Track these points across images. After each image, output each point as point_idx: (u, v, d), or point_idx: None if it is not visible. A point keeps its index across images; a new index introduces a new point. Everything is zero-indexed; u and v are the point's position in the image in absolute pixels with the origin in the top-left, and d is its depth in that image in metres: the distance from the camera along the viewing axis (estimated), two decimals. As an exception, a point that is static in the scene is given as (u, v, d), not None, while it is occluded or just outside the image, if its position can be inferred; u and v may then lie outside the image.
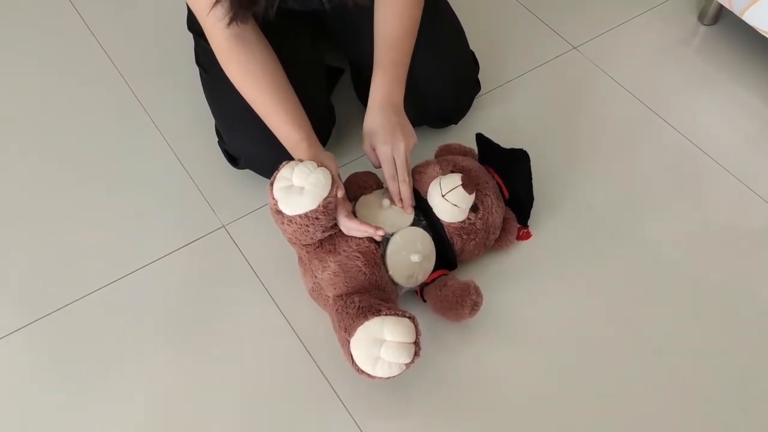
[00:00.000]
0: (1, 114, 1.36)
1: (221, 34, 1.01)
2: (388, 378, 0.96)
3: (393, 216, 1.06)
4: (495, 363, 1.07)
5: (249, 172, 1.22)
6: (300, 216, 0.98)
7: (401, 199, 1.06)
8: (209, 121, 1.26)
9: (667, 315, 1.12)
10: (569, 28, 1.50)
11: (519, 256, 1.17)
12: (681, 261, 1.18)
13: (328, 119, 1.23)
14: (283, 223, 1.00)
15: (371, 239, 1.03)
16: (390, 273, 1.04)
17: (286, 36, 1.14)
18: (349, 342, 0.96)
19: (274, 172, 1.00)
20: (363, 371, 0.95)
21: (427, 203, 1.07)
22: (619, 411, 1.03)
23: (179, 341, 1.08)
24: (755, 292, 1.15)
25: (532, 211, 1.18)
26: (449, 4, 1.28)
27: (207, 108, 1.24)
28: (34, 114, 1.36)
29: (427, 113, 1.27)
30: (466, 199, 1.06)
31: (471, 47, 1.30)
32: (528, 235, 1.19)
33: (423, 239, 1.05)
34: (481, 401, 1.03)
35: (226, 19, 0.96)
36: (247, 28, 1.03)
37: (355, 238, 1.03)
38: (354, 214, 1.04)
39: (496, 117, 1.34)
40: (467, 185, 1.05)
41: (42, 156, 1.29)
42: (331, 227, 1.02)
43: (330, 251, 1.03)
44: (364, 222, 1.02)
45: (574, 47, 1.47)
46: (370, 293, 1.02)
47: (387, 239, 1.04)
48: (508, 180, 1.15)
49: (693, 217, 1.23)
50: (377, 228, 1.01)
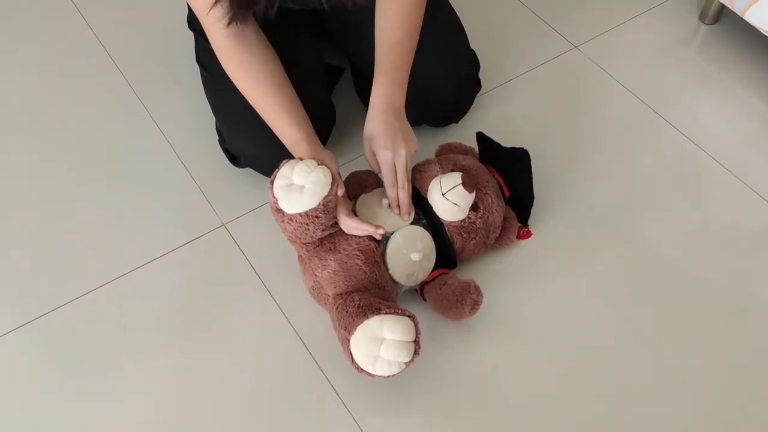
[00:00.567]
0: (2, 113, 1.36)
1: (221, 33, 1.01)
2: (387, 377, 0.96)
3: (393, 215, 1.05)
4: (495, 362, 1.07)
5: (249, 170, 1.22)
6: (300, 214, 0.98)
7: (399, 206, 1.05)
8: (210, 120, 1.26)
9: (667, 314, 1.12)
10: (570, 27, 1.50)
11: (519, 255, 1.17)
12: (681, 260, 1.18)
13: (328, 118, 1.23)
14: (284, 222, 1.00)
15: (371, 238, 1.03)
16: (390, 272, 1.04)
17: (286, 35, 1.14)
18: (349, 340, 0.96)
19: (274, 170, 1.00)
20: (363, 370, 0.95)
21: (428, 202, 1.07)
22: (619, 410, 1.03)
23: (179, 339, 1.08)
24: (755, 291, 1.15)
25: (532, 210, 1.18)
26: (450, 2, 1.27)
27: (207, 107, 1.24)
28: (34, 113, 1.36)
29: (428, 112, 1.27)
30: (466, 198, 1.06)
31: (472, 46, 1.30)
32: (528, 234, 1.19)
33: (423, 238, 1.05)
34: (481, 400, 1.03)
35: (225, 19, 0.96)
36: (248, 27, 1.03)
37: (355, 236, 1.03)
38: (354, 212, 1.04)
39: (496, 116, 1.34)
40: (467, 184, 1.05)
41: (43, 154, 1.29)
42: (331, 226, 1.02)
43: (330, 250, 1.03)
44: (364, 221, 1.02)
45: (575, 46, 1.47)
46: (370, 292, 1.02)
47: (387, 238, 1.04)
48: (508, 179, 1.15)
49: (693, 217, 1.23)
50: (377, 227, 1.01)
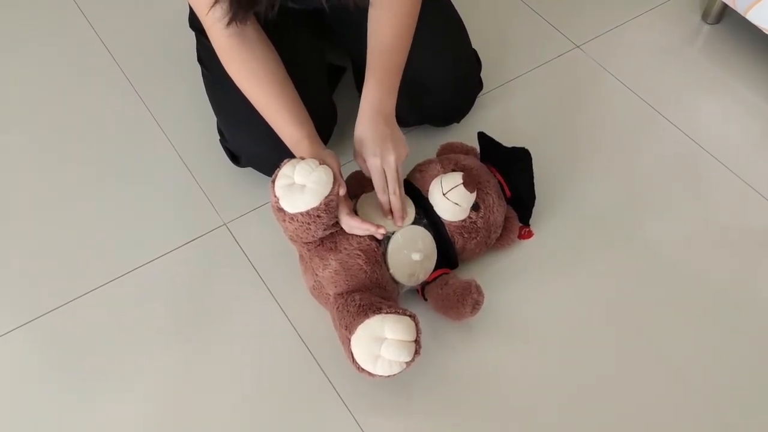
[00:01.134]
0: (3, 113, 1.36)
1: (222, 32, 1.01)
2: (388, 376, 0.96)
3: (394, 214, 1.06)
4: (496, 361, 1.06)
5: (251, 170, 1.22)
6: (301, 214, 0.98)
7: (392, 211, 1.04)
8: (211, 119, 1.26)
9: (669, 314, 1.12)
10: (572, 26, 1.50)
11: (520, 255, 1.17)
12: (682, 260, 1.17)
13: (329, 117, 1.23)
14: (285, 221, 1.00)
15: (372, 237, 1.03)
16: (391, 271, 1.04)
17: (287, 34, 1.14)
18: (350, 340, 0.96)
19: (275, 170, 1.00)
20: (363, 369, 0.95)
21: (429, 202, 1.07)
22: (620, 410, 1.03)
23: (180, 338, 1.08)
24: (757, 291, 1.15)
25: (533, 210, 1.18)
26: (451, 2, 1.27)
27: (209, 106, 1.24)
28: (36, 112, 1.36)
29: (430, 112, 1.27)
30: (467, 198, 1.06)
31: (473, 46, 1.30)
32: (529, 234, 1.19)
33: (424, 238, 1.05)
34: (482, 400, 1.03)
35: (225, 19, 0.96)
36: (248, 26, 1.03)
37: (356, 236, 1.03)
38: (355, 212, 1.04)
39: (498, 116, 1.34)
40: (468, 184, 1.05)
41: (44, 154, 1.30)
42: (333, 225, 1.02)
43: (331, 249, 1.03)
44: (365, 220, 1.02)
45: (576, 46, 1.47)
46: (371, 291, 1.02)
47: (388, 237, 1.04)
48: (509, 179, 1.15)
49: (694, 216, 1.23)
50: (378, 226, 1.01)
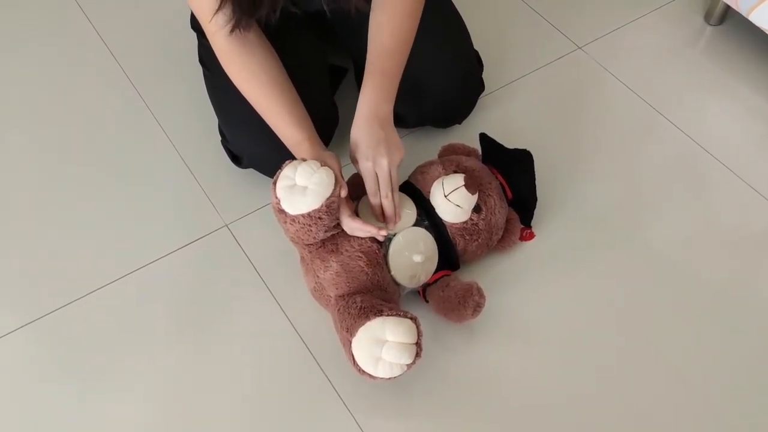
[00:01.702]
0: (4, 113, 1.36)
1: (222, 34, 1.01)
2: (389, 378, 0.95)
3: (396, 216, 1.05)
4: (497, 363, 1.06)
5: (252, 171, 1.22)
6: (303, 215, 0.98)
7: (384, 215, 1.03)
8: (213, 121, 1.26)
9: (670, 315, 1.12)
10: (574, 27, 1.50)
11: (522, 256, 1.17)
12: (684, 261, 1.17)
13: (331, 119, 1.23)
14: (286, 223, 1.00)
15: (374, 239, 1.03)
16: (392, 273, 1.04)
17: (288, 35, 1.14)
18: (351, 342, 0.95)
19: (277, 171, 1.00)
20: (364, 372, 0.95)
21: (430, 203, 1.07)
22: (622, 411, 1.03)
23: (181, 339, 1.08)
24: (758, 292, 1.15)
25: (535, 212, 1.18)
26: (453, 3, 1.27)
27: (210, 107, 1.24)
28: (36, 112, 1.36)
29: (431, 113, 1.27)
30: (468, 200, 1.05)
31: (475, 47, 1.30)
32: (531, 236, 1.19)
33: (425, 239, 1.05)
34: (483, 402, 1.03)
35: (228, 27, 0.96)
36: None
37: (358, 238, 1.03)
38: (356, 213, 1.04)
39: (500, 117, 1.34)
40: (470, 186, 1.05)
41: (44, 155, 1.30)
42: (334, 227, 1.02)
43: (332, 251, 1.03)
44: (366, 222, 1.02)
45: (578, 47, 1.47)
46: (372, 293, 1.01)
47: (389, 239, 1.04)
48: (511, 180, 1.15)
49: (696, 218, 1.23)
50: (380, 228, 1.01)
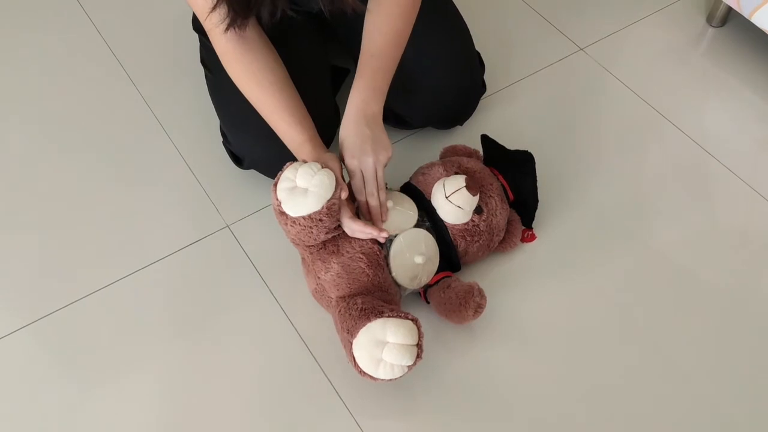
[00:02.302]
0: (5, 113, 1.36)
1: (222, 35, 1.01)
2: (390, 380, 0.95)
3: (397, 217, 1.05)
4: (498, 365, 1.06)
5: (253, 172, 1.22)
6: (303, 217, 0.98)
7: (370, 213, 1.03)
8: (214, 122, 1.26)
9: (673, 317, 1.11)
10: (576, 29, 1.50)
11: (523, 258, 1.17)
12: (687, 264, 1.17)
13: (332, 120, 1.23)
14: (287, 224, 1.00)
15: (375, 241, 1.03)
16: (393, 274, 1.04)
17: (290, 36, 1.14)
18: (352, 343, 0.95)
19: (278, 172, 1.00)
20: (365, 373, 0.95)
21: (431, 205, 1.07)
22: (624, 413, 1.03)
23: (182, 340, 1.08)
24: (761, 294, 1.14)
25: (536, 214, 1.18)
26: (455, 4, 1.27)
27: (212, 108, 1.24)
28: (38, 113, 1.36)
29: (433, 114, 1.27)
30: (469, 201, 1.05)
31: (477, 48, 1.30)
32: (532, 238, 1.19)
33: (426, 241, 1.05)
34: (484, 403, 1.03)
35: (223, 25, 0.97)
36: (250, 29, 1.03)
37: (359, 239, 1.03)
38: (357, 215, 1.04)
39: (501, 118, 1.34)
40: (471, 187, 1.05)
41: (45, 156, 1.30)
42: (335, 229, 1.02)
43: (333, 252, 1.03)
44: (367, 223, 1.02)
45: (580, 48, 1.47)
46: (373, 295, 1.01)
47: (390, 241, 1.04)
48: (512, 182, 1.15)
49: (699, 220, 1.23)
50: (381, 229, 1.01)
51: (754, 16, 1.36)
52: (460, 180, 1.06)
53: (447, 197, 1.05)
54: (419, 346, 0.95)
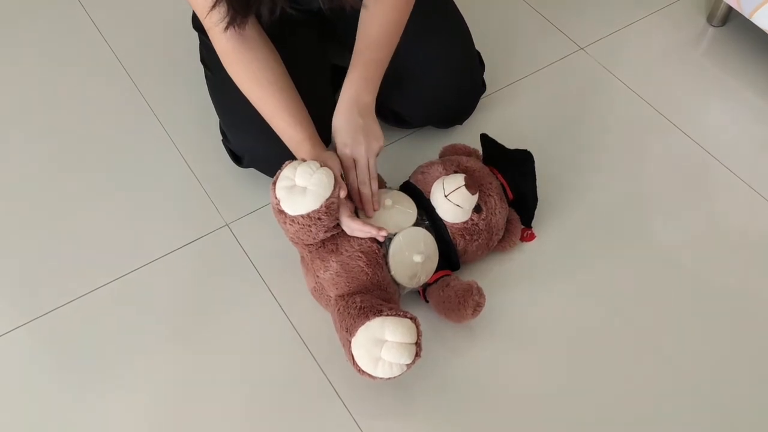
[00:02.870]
0: (7, 111, 1.36)
1: (222, 34, 1.01)
2: (389, 378, 0.95)
3: (396, 216, 1.05)
4: (497, 364, 1.06)
5: (253, 171, 1.22)
6: (302, 216, 0.98)
7: (362, 202, 1.04)
8: (214, 120, 1.26)
9: (673, 319, 1.11)
10: (576, 28, 1.49)
11: (522, 257, 1.17)
12: (687, 265, 1.17)
13: (331, 119, 1.22)
14: (286, 223, 1.00)
15: (374, 239, 1.03)
16: (392, 273, 1.03)
17: (289, 35, 1.14)
18: (351, 342, 0.95)
19: (277, 171, 1.00)
20: (364, 371, 0.95)
21: (430, 203, 1.07)
22: (624, 413, 1.02)
23: (181, 339, 1.08)
24: (763, 296, 1.14)
25: (536, 213, 1.18)
26: (455, 3, 1.27)
27: (212, 106, 1.24)
28: (37, 112, 1.36)
29: (433, 113, 1.27)
30: (469, 200, 1.05)
31: (477, 47, 1.30)
32: (532, 237, 1.18)
33: (426, 239, 1.05)
34: (483, 402, 1.03)
35: (223, 23, 0.97)
36: (249, 27, 1.03)
37: (358, 238, 1.02)
38: (356, 214, 1.04)
39: (501, 118, 1.34)
40: (470, 186, 1.05)
41: (45, 154, 1.30)
42: (334, 227, 1.02)
43: (332, 251, 1.03)
44: (366, 222, 1.02)
45: (581, 48, 1.47)
46: (372, 293, 1.01)
47: (389, 239, 1.03)
48: (512, 181, 1.15)
49: (699, 221, 1.23)
50: (380, 228, 1.01)
51: (754, 15, 1.36)
52: (459, 179, 1.05)
53: (446, 196, 1.05)
54: (418, 344, 0.95)
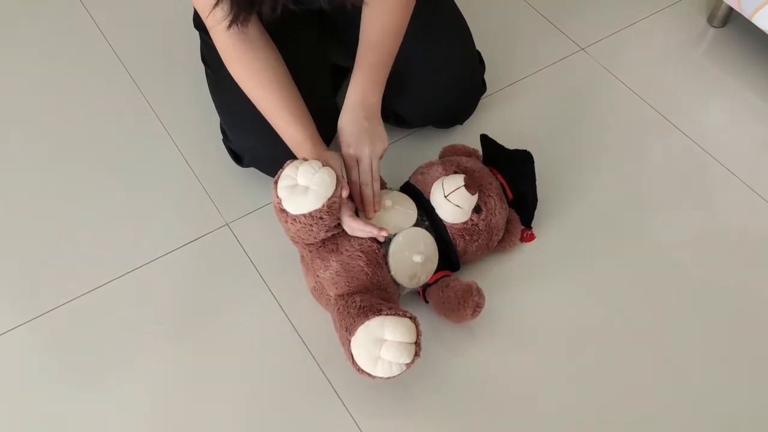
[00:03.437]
0: (7, 110, 1.36)
1: (224, 32, 1.01)
2: (388, 378, 0.95)
3: (396, 216, 1.05)
4: (496, 363, 1.06)
5: (253, 170, 1.22)
6: (304, 215, 0.98)
7: (363, 202, 1.04)
8: (214, 119, 1.26)
9: (673, 319, 1.11)
10: (577, 28, 1.50)
11: (522, 258, 1.17)
12: (687, 265, 1.17)
13: (333, 118, 1.22)
14: (287, 222, 1.00)
15: (374, 239, 1.03)
16: (392, 273, 1.04)
17: (290, 35, 1.14)
18: (350, 341, 0.95)
19: (278, 170, 1.00)
20: (363, 371, 0.95)
21: (430, 204, 1.07)
22: (623, 413, 1.03)
23: (180, 338, 1.08)
24: (763, 296, 1.14)
25: (536, 213, 1.18)
26: (455, 3, 1.27)
27: (212, 106, 1.24)
28: (39, 110, 1.36)
29: (433, 113, 1.27)
30: (468, 200, 1.05)
31: (477, 47, 1.30)
32: (531, 237, 1.19)
33: (425, 240, 1.05)
34: (483, 401, 1.03)
35: (226, 22, 0.97)
36: (251, 26, 1.03)
37: (358, 237, 1.03)
38: (357, 214, 1.04)
39: (501, 118, 1.34)
40: (470, 186, 1.05)
41: (45, 152, 1.30)
42: (335, 227, 1.02)
43: (332, 251, 1.03)
44: (367, 222, 1.02)
45: (581, 48, 1.47)
46: (371, 293, 1.02)
47: (389, 239, 1.04)
48: (512, 181, 1.15)
49: (699, 221, 1.23)
50: (380, 228, 1.01)
51: (755, 16, 1.36)
52: (459, 179, 1.06)
53: (446, 196, 1.05)
54: (417, 344, 0.95)
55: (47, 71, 1.42)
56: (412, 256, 1.03)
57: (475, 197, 1.06)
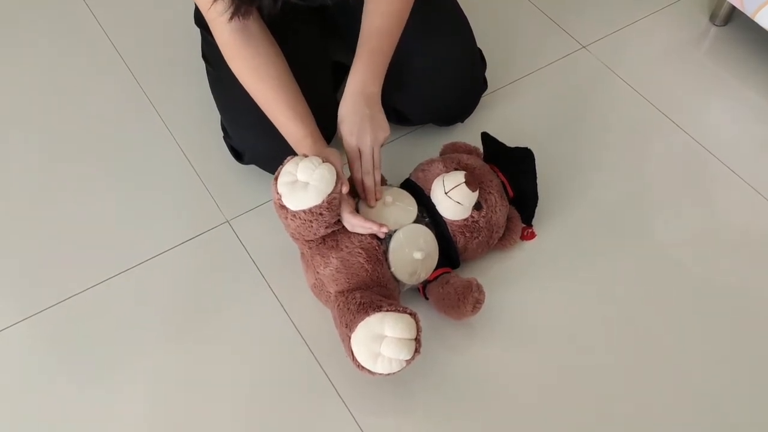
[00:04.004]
0: (8, 107, 1.36)
1: (225, 28, 1.02)
2: (388, 374, 0.95)
3: (396, 213, 1.05)
4: (497, 361, 1.06)
5: (254, 167, 1.22)
6: (304, 211, 0.98)
7: (365, 191, 1.04)
8: (215, 116, 1.26)
9: (673, 317, 1.11)
10: (578, 26, 1.49)
11: (523, 255, 1.17)
12: (688, 264, 1.17)
13: (333, 115, 1.22)
14: (287, 218, 1.00)
15: (374, 236, 1.03)
16: (392, 270, 1.03)
17: (291, 31, 1.14)
18: (350, 338, 0.95)
19: (278, 167, 1.00)
20: (363, 367, 0.95)
21: (431, 200, 1.07)
22: (623, 412, 1.02)
23: (180, 335, 1.08)
24: (764, 295, 1.14)
25: (536, 211, 1.18)
26: (456, 1, 1.27)
27: (213, 103, 1.24)
28: (40, 107, 1.36)
29: (434, 111, 1.27)
30: (469, 197, 1.05)
31: (479, 45, 1.30)
32: (532, 235, 1.18)
33: (426, 236, 1.05)
34: (483, 399, 1.03)
35: (227, 14, 0.97)
36: (252, 22, 1.03)
37: (358, 234, 1.03)
38: (357, 210, 1.04)
39: (502, 116, 1.34)
40: (470, 183, 1.05)
41: (48, 149, 1.30)
42: (335, 223, 1.02)
43: (332, 247, 1.03)
44: (367, 218, 1.02)
45: (583, 46, 1.46)
46: (372, 290, 1.01)
47: (390, 236, 1.03)
48: (513, 179, 1.15)
49: (700, 220, 1.22)
50: (380, 225, 1.01)
51: (757, 15, 1.36)
52: (459, 176, 1.05)
53: (446, 193, 1.05)
54: (417, 340, 0.95)
55: (48, 70, 1.42)
56: (412, 252, 1.03)
57: (476, 194, 1.06)
